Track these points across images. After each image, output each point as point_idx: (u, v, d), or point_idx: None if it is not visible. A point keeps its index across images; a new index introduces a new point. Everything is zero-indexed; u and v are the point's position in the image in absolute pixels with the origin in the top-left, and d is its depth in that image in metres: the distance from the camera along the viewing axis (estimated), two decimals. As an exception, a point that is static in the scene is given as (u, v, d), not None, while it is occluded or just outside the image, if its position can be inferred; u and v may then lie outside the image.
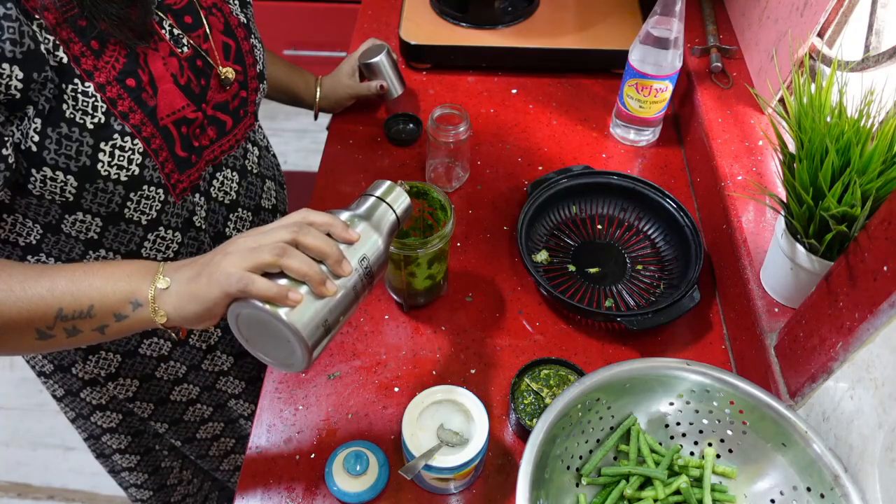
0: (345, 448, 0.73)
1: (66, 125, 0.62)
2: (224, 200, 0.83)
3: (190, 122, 0.72)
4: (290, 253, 0.55)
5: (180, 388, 0.96)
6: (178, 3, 0.72)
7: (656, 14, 0.95)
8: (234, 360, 0.97)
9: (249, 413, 1.05)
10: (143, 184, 0.70)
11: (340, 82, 1.08)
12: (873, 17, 0.80)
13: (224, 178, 0.82)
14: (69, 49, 0.61)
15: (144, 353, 0.89)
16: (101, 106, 0.64)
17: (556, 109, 1.14)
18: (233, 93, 0.78)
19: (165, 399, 0.96)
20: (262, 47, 0.83)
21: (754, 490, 0.66)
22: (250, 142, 0.86)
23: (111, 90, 0.64)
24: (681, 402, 0.69)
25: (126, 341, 0.87)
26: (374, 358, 0.84)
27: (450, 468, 0.66)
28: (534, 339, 0.86)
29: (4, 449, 1.75)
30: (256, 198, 0.89)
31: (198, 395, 0.98)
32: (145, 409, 0.96)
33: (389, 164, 1.05)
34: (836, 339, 0.61)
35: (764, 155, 0.94)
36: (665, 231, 0.95)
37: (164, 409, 0.98)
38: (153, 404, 0.96)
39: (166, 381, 0.94)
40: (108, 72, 0.64)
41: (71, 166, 0.64)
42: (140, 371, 0.91)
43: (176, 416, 0.99)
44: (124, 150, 0.66)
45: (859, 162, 0.63)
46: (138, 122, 0.66)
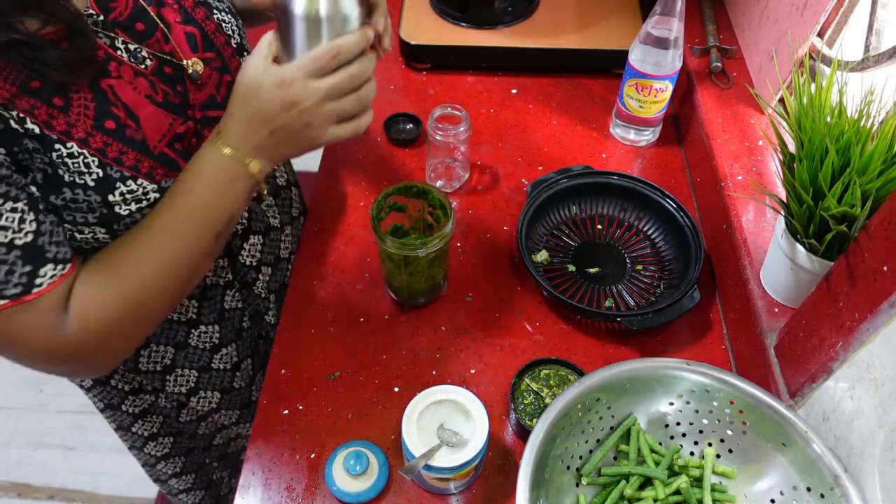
0: (345, 448, 0.73)
1: (69, 189, 0.60)
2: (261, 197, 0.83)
3: (182, 136, 0.68)
4: (345, 105, 0.63)
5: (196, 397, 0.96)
6: (122, 13, 0.66)
7: (656, 14, 0.95)
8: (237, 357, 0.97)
9: None
10: None
11: None
12: (873, 17, 0.80)
13: None
14: (35, 118, 0.58)
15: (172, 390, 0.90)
16: (92, 161, 0.61)
17: (556, 109, 1.14)
18: (215, 82, 0.72)
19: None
20: (232, 18, 0.76)
21: (754, 490, 0.66)
22: None
23: (95, 141, 0.61)
24: (681, 402, 0.69)
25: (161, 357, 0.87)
26: (374, 358, 0.84)
27: (450, 468, 0.66)
28: (534, 339, 0.86)
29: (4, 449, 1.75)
30: (273, 180, 0.88)
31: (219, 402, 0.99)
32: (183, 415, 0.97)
33: (389, 164, 1.05)
34: (836, 339, 0.61)
35: (764, 155, 0.94)
36: (665, 231, 0.95)
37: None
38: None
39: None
40: (83, 124, 0.60)
41: (90, 219, 0.63)
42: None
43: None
44: (134, 192, 0.64)
45: (859, 162, 0.63)
46: (133, 161, 0.63)
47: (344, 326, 0.87)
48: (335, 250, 0.94)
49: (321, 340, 0.85)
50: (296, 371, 0.83)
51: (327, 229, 0.97)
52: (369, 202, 1.00)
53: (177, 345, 0.86)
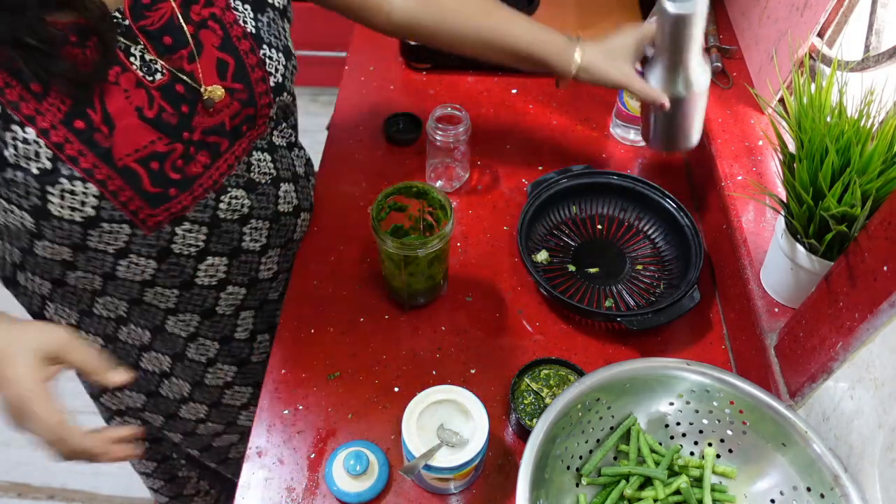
0: (345, 448, 0.73)
1: (11, 170, 0.60)
2: (233, 217, 0.78)
3: (162, 155, 0.67)
4: None
5: (187, 406, 0.96)
6: (154, 23, 0.65)
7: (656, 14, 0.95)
8: (236, 369, 0.96)
9: None
10: (101, 222, 0.66)
11: (614, 60, 0.82)
12: (873, 17, 0.80)
13: (232, 198, 0.76)
14: (3, 96, 0.57)
15: (146, 368, 0.89)
16: (44, 152, 0.60)
17: (556, 109, 1.14)
18: (232, 112, 0.71)
19: (174, 415, 0.96)
20: (281, 57, 0.74)
21: (754, 490, 0.66)
22: (258, 150, 0.78)
23: (56, 135, 0.60)
24: (681, 402, 0.69)
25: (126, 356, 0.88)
26: (374, 358, 0.84)
27: (450, 468, 0.66)
28: (534, 339, 0.86)
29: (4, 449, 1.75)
30: (271, 205, 0.82)
31: (206, 414, 0.98)
32: (156, 419, 0.97)
33: (389, 164, 1.05)
34: (836, 339, 0.61)
35: (764, 155, 0.94)
36: (665, 231, 0.95)
37: (174, 423, 0.98)
38: (163, 417, 0.96)
39: (172, 399, 0.94)
40: (52, 115, 0.60)
41: (24, 204, 0.63)
42: (145, 387, 0.92)
43: (187, 429, 0.99)
44: (75, 195, 0.62)
45: (859, 162, 0.63)
46: (90, 165, 0.62)
47: (344, 326, 0.87)
48: (335, 250, 0.94)
49: (321, 340, 0.85)
50: (296, 371, 0.83)
51: (327, 229, 0.97)
52: (369, 202, 1.00)
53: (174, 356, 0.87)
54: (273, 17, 0.74)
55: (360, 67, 1.20)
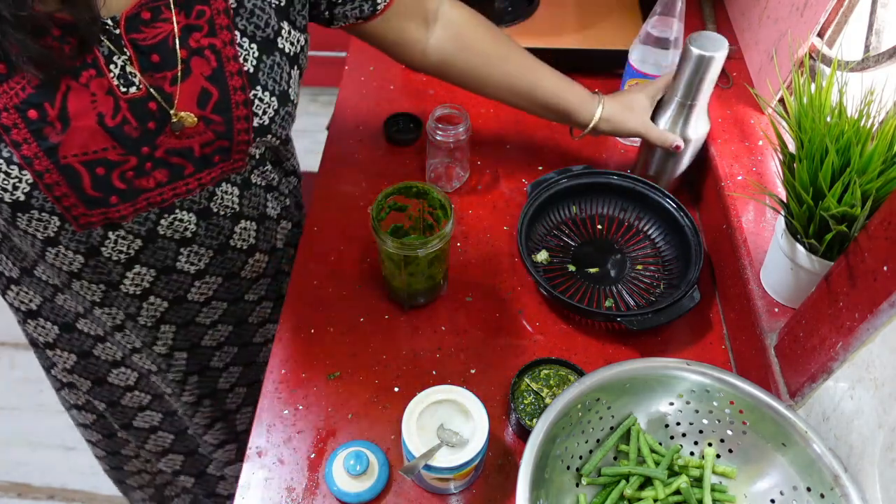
0: (345, 448, 0.73)
1: None
2: (174, 237, 0.76)
3: (113, 164, 0.66)
4: None
5: (143, 414, 0.98)
6: (147, 39, 0.64)
7: (656, 14, 0.95)
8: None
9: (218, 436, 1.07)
10: (30, 209, 0.66)
11: (633, 111, 0.90)
12: (873, 17, 0.80)
13: (175, 219, 0.74)
14: None
15: (113, 383, 0.92)
16: None
17: (556, 109, 1.14)
18: (202, 142, 0.70)
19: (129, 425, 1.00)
20: (275, 101, 0.72)
21: (754, 490, 0.66)
22: (229, 183, 0.77)
23: (7, 117, 0.60)
24: (681, 402, 0.69)
25: (95, 370, 0.90)
26: (374, 358, 0.84)
27: (450, 468, 0.66)
28: (534, 339, 0.86)
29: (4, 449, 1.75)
30: (221, 237, 0.80)
31: (160, 422, 1.01)
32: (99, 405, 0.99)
33: (389, 164, 1.05)
34: (836, 339, 0.61)
35: (764, 155, 0.94)
36: (665, 231, 0.95)
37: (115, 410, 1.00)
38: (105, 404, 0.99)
39: (131, 407, 0.97)
40: (8, 98, 0.59)
41: None
42: (108, 398, 0.94)
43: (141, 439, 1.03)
44: (10, 177, 0.62)
45: (859, 162, 0.63)
46: (31, 154, 0.62)
47: (344, 326, 0.87)
48: (335, 250, 0.94)
49: (321, 340, 0.85)
50: (296, 371, 0.83)
51: (327, 229, 0.97)
52: (369, 202, 1.00)
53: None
54: (279, 61, 0.72)
55: (360, 67, 1.20)
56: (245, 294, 0.90)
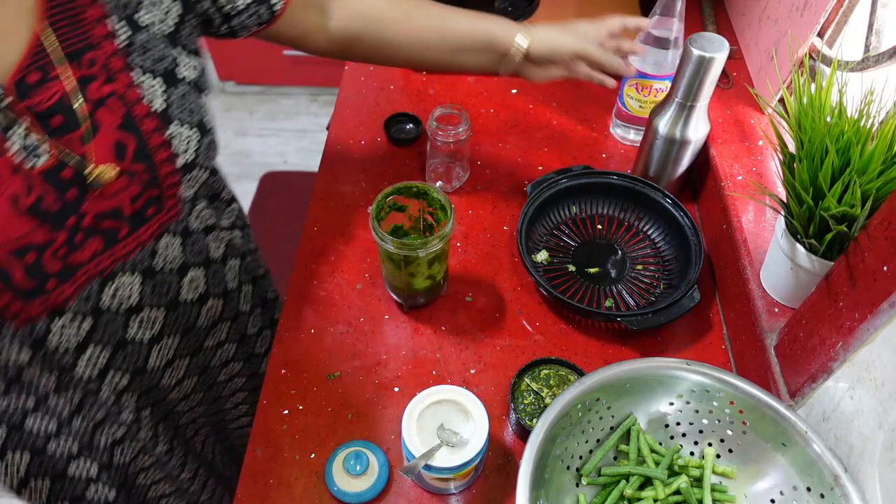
0: (345, 448, 0.73)
1: None
2: (121, 308, 0.70)
3: (41, 246, 0.59)
4: None
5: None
6: (42, 102, 0.57)
7: (656, 14, 0.95)
8: None
9: None
10: None
11: (572, 32, 0.84)
12: (873, 17, 0.80)
13: (119, 285, 0.69)
14: None
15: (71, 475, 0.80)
16: None
17: (556, 109, 1.14)
18: (131, 195, 0.64)
19: None
20: (195, 133, 0.68)
21: (754, 490, 0.66)
22: (170, 233, 0.72)
23: None
24: (681, 402, 0.69)
25: None
26: (374, 358, 0.84)
27: (450, 468, 0.66)
28: (534, 339, 0.86)
29: (4, 449, 1.74)
30: (171, 293, 0.75)
31: None
32: None
33: (389, 164, 1.05)
34: (836, 339, 0.61)
35: (764, 155, 0.94)
36: (665, 231, 0.95)
37: None
38: None
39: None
40: None
41: None
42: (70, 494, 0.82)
43: None
44: None
45: (859, 162, 0.63)
46: None
47: (344, 326, 0.87)
48: (335, 250, 0.94)
49: (321, 340, 0.85)
50: (296, 371, 0.83)
51: (327, 229, 0.97)
52: (369, 202, 1.00)
53: None
54: (185, 91, 0.67)
55: (360, 67, 1.21)
56: (204, 342, 0.86)
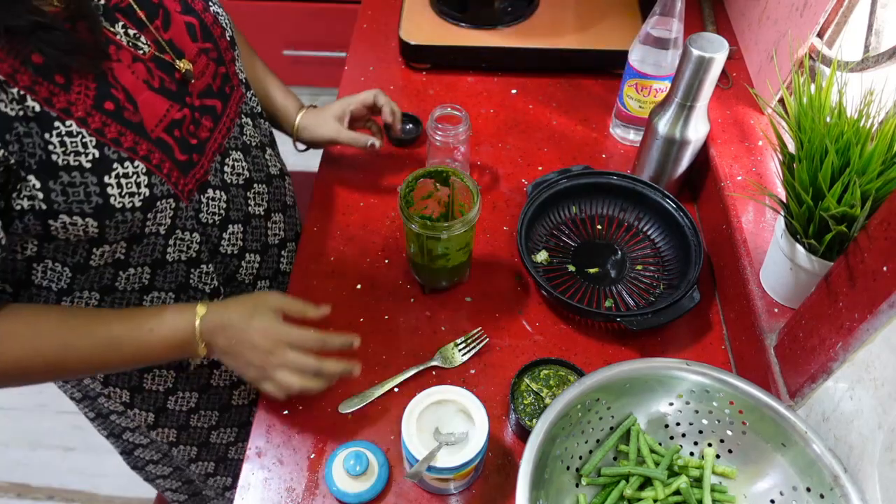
0: (345, 448, 0.73)
1: (65, 173, 0.60)
2: (239, 182, 0.81)
3: (179, 122, 0.70)
4: (291, 380, 0.71)
5: (197, 415, 0.95)
6: (123, 0, 0.66)
7: (656, 14, 0.95)
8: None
9: None
10: (156, 201, 0.68)
11: (325, 121, 0.97)
12: (873, 17, 0.80)
13: (233, 161, 0.80)
14: (36, 95, 0.58)
15: (150, 388, 0.88)
16: (90, 140, 0.61)
17: (556, 109, 1.14)
18: (212, 73, 0.75)
19: (185, 425, 0.96)
20: (224, 12, 0.80)
21: (754, 490, 0.66)
22: (244, 114, 0.83)
23: (94, 120, 0.61)
24: (680, 402, 0.69)
25: (129, 377, 0.87)
26: (374, 358, 0.84)
27: (450, 468, 0.66)
28: (534, 339, 0.86)
29: (4, 449, 1.75)
30: (264, 168, 0.87)
31: (217, 420, 0.98)
32: (168, 434, 0.96)
33: (389, 164, 1.05)
34: (835, 339, 0.61)
35: (764, 155, 0.94)
36: (665, 231, 0.95)
37: (186, 434, 0.97)
38: (175, 430, 0.96)
39: (180, 410, 0.93)
40: (83, 103, 0.61)
41: (85, 209, 0.62)
42: (153, 404, 0.91)
43: (202, 440, 0.99)
44: (129, 177, 0.64)
45: (859, 162, 0.63)
46: (132, 143, 0.64)
47: (344, 326, 0.87)
48: (335, 250, 0.94)
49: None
50: (296, 371, 0.83)
51: (327, 229, 0.97)
52: (369, 202, 1.01)
53: (178, 367, 0.87)
54: None
55: (360, 67, 1.21)
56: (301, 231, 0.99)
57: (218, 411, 0.96)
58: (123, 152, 0.63)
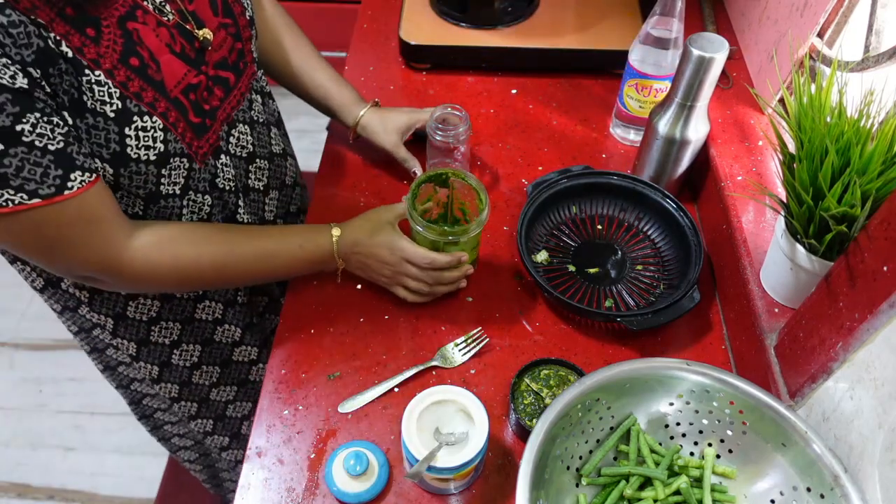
0: (345, 448, 0.73)
1: (91, 116, 0.63)
2: (242, 154, 0.84)
3: (195, 87, 0.73)
4: (416, 286, 0.85)
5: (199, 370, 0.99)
6: None
7: (656, 14, 0.95)
8: (241, 332, 0.98)
9: None
10: (169, 157, 0.71)
11: (386, 131, 0.98)
12: (873, 17, 0.80)
13: (239, 133, 0.83)
14: (70, 42, 0.61)
15: (156, 340, 0.91)
16: (114, 92, 0.64)
17: (556, 109, 1.14)
18: (228, 47, 0.78)
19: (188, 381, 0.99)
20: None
21: (754, 490, 0.66)
22: (254, 91, 0.86)
23: (119, 74, 0.65)
24: (681, 402, 0.69)
25: (137, 329, 0.89)
26: (374, 358, 0.84)
27: (450, 468, 0.66)
28: (534, 339, 0.86)
29: (4, 449, 1.75)
30: (268, 146, 0.90)
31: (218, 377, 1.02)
32: (171, 390, 0.99)
33: (389, 165, 1.05)
34: (835, 339, 0.61)
35: (764, 155, 0.94)
36: (665, 231, 0.95)
37: (188, 391, 1.01)
38: (178, 386, 0.99)
39: (184, 366, 0.97)
40: (111, 56, 0.64)
41: (104, 154, 0.66)
42: (158, 357, 0.94)
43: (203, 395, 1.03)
44: (146, 130, 0.67)
45: (859, 162, 0.63)
46: (151, 99, 0.67)
47: (344, 326, 0.87)
48: (335, 250, 0.94)
49: (321, 340, 0.85)
50: (296, 371, 0.83)
51: (327, 229, 0.97)
52: (369, 202, 1.01)
53: (183, 320, 0.90)
54: None
55: (360, 67, 1.21)
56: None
57: (219, 367, 0.99)
58: (144, 106, 0.67)
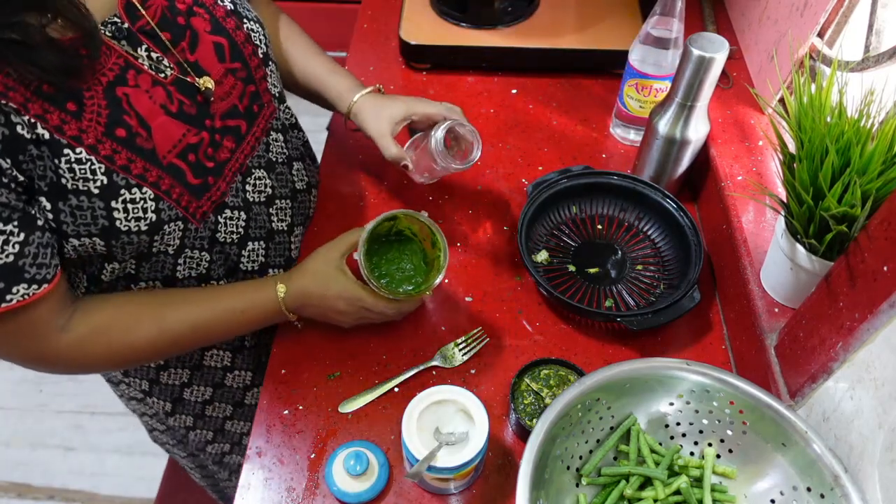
0: (345, 448, 0.73)
1: (74, 196, 0.61)
2: (261, 199, 0.82)
3: (195, 146, 0.70)
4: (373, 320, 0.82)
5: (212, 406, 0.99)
6: (149, 22, 0.66)
7: (656, 14, 0.95)
8: (252, 375, 0.97)
9: None
10: (162, 225, 0.68)
11: (378, 118, 0.89)
12: (873, 17, 0.80)
13: (256, 179, 0.80)
14: (46, 123, 0.58)
15: (166, 382, 0.92)
16: (99, 167, 0.61)
17: (556, 109, 1.14)
18: (238, 93, 0.74)
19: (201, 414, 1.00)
20: (260, 27, 0.77)
21: (754, 490, 0.66)
22: (273, 130, 0.82)
23: (104, 147, 0.61)
24: (681, 402, 0.69)
25: (147, 370, 0.90)
26: (374, 358, 0.84)
27: (450, 468, 0.66)
28: (534, 339, 0.86)
29: (4, 449, 1.75)
30: (289, 184, 0.87)
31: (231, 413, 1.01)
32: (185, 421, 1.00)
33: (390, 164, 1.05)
34: (836, 339, 0.61)
35: (764, 155, 0.94)
36: (665, 231, 0.95)
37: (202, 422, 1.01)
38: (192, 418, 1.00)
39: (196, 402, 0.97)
40: (94, 130, 0.61)
41: (92, 230, 0.64)
42: (169, 395, 0.94)
43: None
44: (136, 202, 0.64)
45: (859, 162, 0.63)
46: (141, 170, 0.64)
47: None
48: (335, 250, 0.94)
49: (321, 340, 0.85)
50: (296, 371, 0.83)
51: (327, 230, 0.97)
52: (369, 202, 1.01)
53: (192, 367, 0.90)
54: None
55: (360, 67, 1.20)
56: None
57: (232, 405, 0.99)
58: (132, 179, 0.64)
